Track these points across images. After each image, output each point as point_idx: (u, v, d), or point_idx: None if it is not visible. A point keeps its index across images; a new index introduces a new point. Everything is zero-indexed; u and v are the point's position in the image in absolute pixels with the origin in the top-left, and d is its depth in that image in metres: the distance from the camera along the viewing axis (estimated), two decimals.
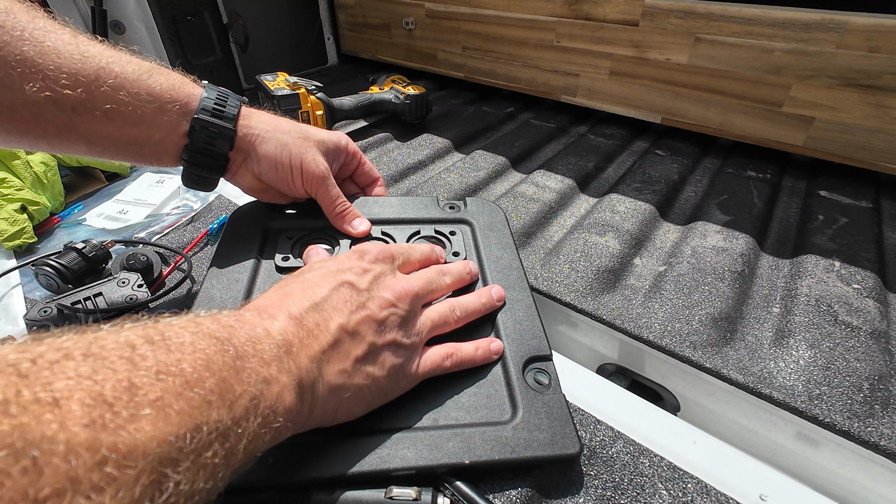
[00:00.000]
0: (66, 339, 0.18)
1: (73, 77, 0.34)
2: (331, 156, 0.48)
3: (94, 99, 0.35)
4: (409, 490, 0.30)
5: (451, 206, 0.53)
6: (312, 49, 1.43)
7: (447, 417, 0.34)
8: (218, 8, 1.14)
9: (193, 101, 0.40)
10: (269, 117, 0.45)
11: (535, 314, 0.42)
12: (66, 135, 0.36)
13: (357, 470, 0.30)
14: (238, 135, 0.42)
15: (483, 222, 0.51)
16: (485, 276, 0.45)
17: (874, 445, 0.40)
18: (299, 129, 0.46)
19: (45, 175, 0.67)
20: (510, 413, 0.34)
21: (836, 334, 0.49)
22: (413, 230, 0.50)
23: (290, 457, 0.31)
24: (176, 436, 0.18)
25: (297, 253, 0.46)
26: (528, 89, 1.09)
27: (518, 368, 0.37)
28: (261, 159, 0.44)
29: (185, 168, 0.43)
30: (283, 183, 0.45)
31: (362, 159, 0.54)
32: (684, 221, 0.70)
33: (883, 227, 0.68)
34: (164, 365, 0.20)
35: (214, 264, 0.44)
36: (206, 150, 0.41)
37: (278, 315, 0.29)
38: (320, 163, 0.46)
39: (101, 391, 0.17)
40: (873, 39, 0.66)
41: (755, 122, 0.82)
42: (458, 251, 0.48)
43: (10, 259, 0.59)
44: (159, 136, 0.39)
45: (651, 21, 0.84)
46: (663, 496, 0.34)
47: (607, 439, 0.38)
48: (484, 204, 0.54)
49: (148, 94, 0.37)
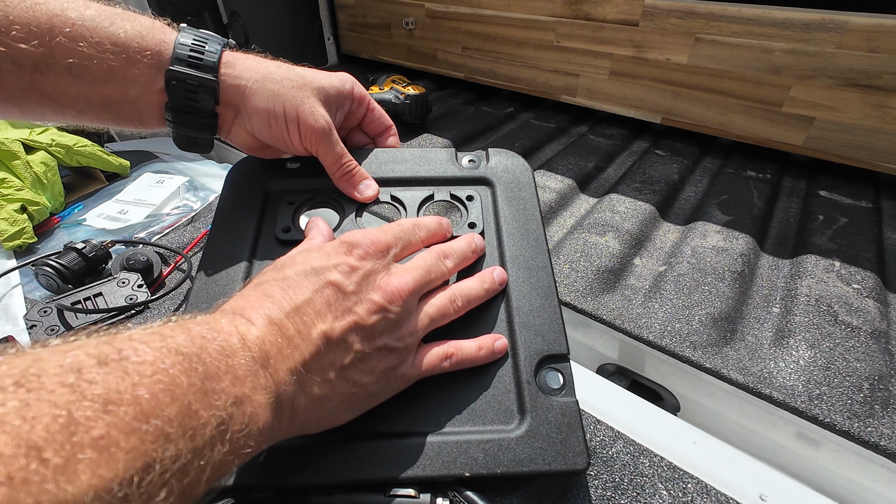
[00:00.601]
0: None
1: (25, 28, 0.30)
2: (333, 104, 0.42)
3: (54, 53, 0.31)
4: (408, 490, 0.30)
5: (472, 159, 0.47)
6: (312, 49, 1.43)
7: (451, 422, 0.32)
8: (218, 8, 1.14)
9: (166, 49, 0.35)
10: (258, 62, 0.39)
11: (555, 304, 0.37)
12: (33, 96, 0.32)
13: (357, 477, 0.30)
14: (222, 86, 0.37)
15: (506, 181, 0.45)
16: (502, 252, 0.40)
17: (874, 445, 0.40)
18: (294, 76, 0.39)
19: (45, 175, 0.67)
20: (517, 419, 0.33)
21: (836, 334, 0.49)
22: (426, 194, 0.44)
23: (290, 460, 0.30)
24: (121, 481, 0.15)
25: (297, 222, 0.42)
26: (528, 89, 1.09)
27: (530, 369, 0.34)
28: (251, 114, 0.38)
29: (172, 130, 0.38)
30: (279, 140, 0.40)
31: (371, 104, 0.47)
32: (684, 221, 0.70)
33: (883, 227, 0.68)
34: (116, 392, 0.17)
35: (210, 243, 0.40)
36: (188, 106, 0.36)
37: (256, 320, 0.26)
38: (320, 115, 0.39)
39: (30, 433, 0.14)
40: (873, 39, 0.66)
41: (755, 122, 0.82)
42: (474, 222, 0.42)
43: (10, 259, 0.59)
44: (135, 94, 0.34)
45: (651, 21, 0.84)
46: (663, 496, 0.34)
47: (607, 439, 0.38)
48: (508, 157, 0.47)
49: (112, 44, 0.32)
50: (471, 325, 0.37)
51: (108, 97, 0.34)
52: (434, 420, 0.33)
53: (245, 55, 0.39)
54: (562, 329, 0.37)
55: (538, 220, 0.43)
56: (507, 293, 0.38)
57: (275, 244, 0.40)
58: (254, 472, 0.30)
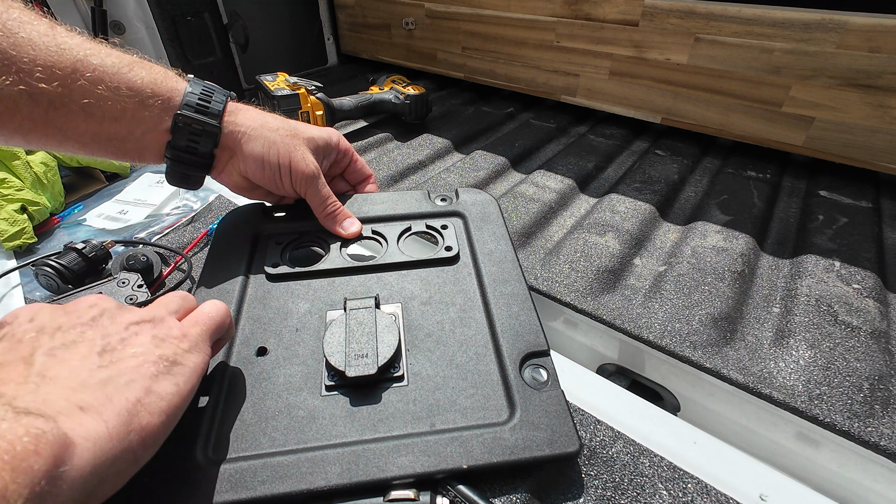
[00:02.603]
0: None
1: (48, 70, 0.32)
2: (321, 153, 0.46)
3: (72, 93, 0.33)
4: (407, 492, 0.30)
5: (443, 198, 0.52)
6: (312, 49, 1.43)
7: (444, 421, 0.33)
8: (218, 8, 1.14)
9: (176, 96, 0.39)
10: (257, 113, 0.43)
11: (531, 308, 0.41)
12: (43, 129, 0.34)
13: (354, 480, 0.30)
14: (223, 132, 0.41)
15: (476, 213, 0.50)
16: (479, 270, 0.44)
17: (874, 445, 0.40)
18: (288, 126, 0.44)
19: (45, 175, 0.67)
20: (508, 413, 0.34)
21: (836, 334, 0.49)
22: (404, 227, 0.49)
23: (284, 469, 0.30)
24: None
25: (286, 259, 0.46)
26: (528, 89, 1.09)
27: (515, 366, 0.36)
28: (247, 158, 0.42)
29: (168, 166, 0.41)
30: (270, 182, 0.44)
31: (354, 156, 0.52)
32: (684, 221, 0.70)
33: (883, 227, 0.68)
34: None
35: (203, 279, 0.43)
36: (189, 147, 0.40)
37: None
38: (310, 161, 0.44)
39: None
40: (873, 39, 0.66)
41: (755, 122, 0.82)
42: (450, 245, 0.47)
43: (10, 259, 0.59)
44: (140, 133, 0.38)
45: (651, 21, 0.84)
46: (663, 496, 0.34)
47: (607, 439, 0.38)
48: (476, 194, 0.53)
49: (128, 89, 0.36)
50: (455, 332, 0.39)
51: (114, 133, 0.37)
52: (426, 421, 0.34)
53: (246, 106, 0.43)
54: (540, 328, 0.40)
55: (508, 242, 0.47)
56: (487, 304, 0.42)
57: (264, 279, 0.44)
58: (249, 485, 0.29)
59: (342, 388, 0.35)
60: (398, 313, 0.41)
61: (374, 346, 0.35)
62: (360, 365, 0.34)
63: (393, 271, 0.45)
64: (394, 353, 0.35)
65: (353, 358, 0.34)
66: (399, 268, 0.45)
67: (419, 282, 0.44)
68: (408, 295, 0.42)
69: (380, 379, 0.35)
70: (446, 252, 0.46)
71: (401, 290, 0.43)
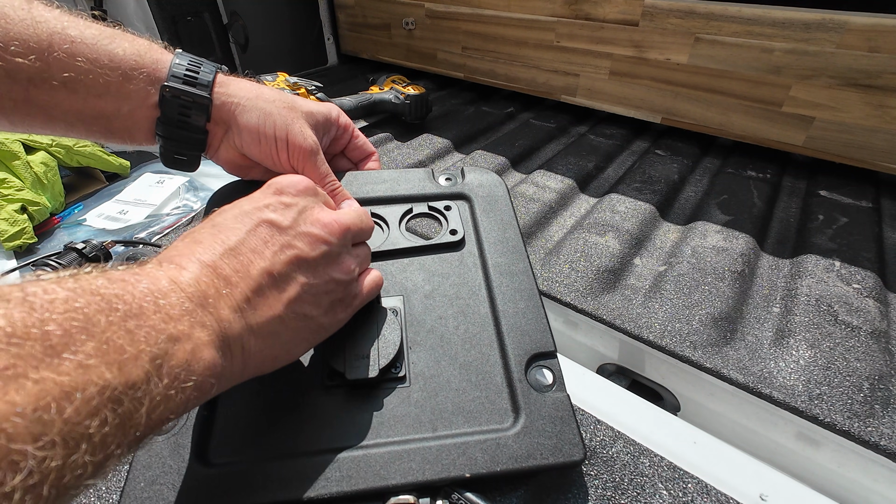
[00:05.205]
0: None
1: (24, 44, 0.31)
2: (320, 129, 0.44)
3: (50, 67, 0.32)
4: (407, 497, 0.29)
5: (448, 177, 0.49)
6: (312, 49, 1.43)
7: (446, 426, 0.33)
8: (218, 8, 1.14)
9: (162, 68, 0.36)
10: (251, 84, 0.41)
11: (538, 305, 0.39)
12: (25, 109, 0.33)
13: (354, 488, 0.29)
14: (215, 103, 0.38)
15: (482, 195, 0.48)
16: (484, 260, 0.42)
17: (874, 445, 0.40)
18: (285, 99, 0.41)
19: (45, 175, 0.67)
20: (512, 418, 0.33)
21: (836, 334, 0.49)
22: (405, 208, 0.46)
23: (285, 475, 0.30)
24: (34, 407, 0.16)
25: None
26: (528, 89, 1.09)
27: (520, 368, 0.35)
28: (242, 130, 0.39)
29: (161, 144, 0.39)
30: (267, 157, 0.41)
31: (355, 132, 0.49)
32: (684, 221, 0.70)
33: (883, 226, 0.68)
34: (22, 326, 0.17)
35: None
36: (180, 121, 0.37)
37: (187, 265, 0.25)
38: (308, 136, 0.41)
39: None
40: (873, 39, 0.66)
41: (755, 122, 0.82)
42: (455, 229, 0.44)
43: (10, 259, 0.59)
44: (127, 109, 0.36)
45: (651, 21, 0.84)
46: (663, 496, 0.34)
47: (607, 439, 0.38)
48: (483, 174, 0.50)
49: (109, 61, 0.34)
50: (459, 329, 0.38)
51: (100, 111, 0.35)
52: (429, 425, 0.33)
53: (238, 78, 0.41)
54: (547, 328, 0.38)
55: (516, 229, 0.45)
56: (493, 298, 0.40)
57: None
58: (249, 491, 0.29)
59: (342, 390, 0.34)
60: (400, 307, 0.39)
61: (376, 345, 0.34)
62: (360, 367, 0.33)
63: (394, 259, 0.43)
64: (396, 353, 0.35)
65: (353, 359, 0.34)
66: (401, 255, 0.43)
67: (422, 271, 0.42)
68: (410, 286, 0.41)
69: (381, 380, 0.34)
70: (451, 236, 0.44)
71: (402, 281, 0.41)
